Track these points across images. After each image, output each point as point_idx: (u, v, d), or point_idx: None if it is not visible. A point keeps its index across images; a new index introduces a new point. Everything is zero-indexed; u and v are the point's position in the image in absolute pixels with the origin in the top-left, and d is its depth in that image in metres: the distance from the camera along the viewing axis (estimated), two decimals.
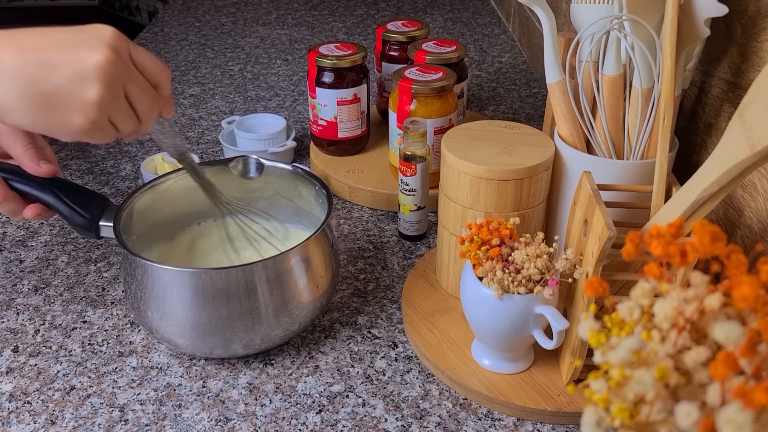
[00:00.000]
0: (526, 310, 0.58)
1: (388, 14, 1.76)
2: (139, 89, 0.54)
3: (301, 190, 0.74)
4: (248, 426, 0.60)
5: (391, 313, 0.74)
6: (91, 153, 1.06)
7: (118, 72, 0.51)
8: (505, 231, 0.60)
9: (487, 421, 0.61)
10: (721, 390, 0.34)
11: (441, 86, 0.84)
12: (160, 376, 0.65)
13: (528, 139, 0.69)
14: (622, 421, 0.36)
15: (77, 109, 0.50)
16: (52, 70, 0.49)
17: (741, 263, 0.36)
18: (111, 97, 0.51)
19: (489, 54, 1.49)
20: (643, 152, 0.64)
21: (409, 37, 1.02)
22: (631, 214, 0.64)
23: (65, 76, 0.49)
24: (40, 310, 0.74)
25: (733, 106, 0.65)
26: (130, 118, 0.54)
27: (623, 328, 0.38)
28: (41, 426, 0.60)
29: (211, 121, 1.18)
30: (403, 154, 0.79)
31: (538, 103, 1.24)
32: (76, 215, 0.63)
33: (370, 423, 0.61)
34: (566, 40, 0.76)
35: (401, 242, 0.86)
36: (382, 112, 1.11)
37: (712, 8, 0.58)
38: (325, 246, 0.67)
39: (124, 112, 0.53)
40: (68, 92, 0.50)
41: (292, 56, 1.48)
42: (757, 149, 0.43)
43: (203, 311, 0.60)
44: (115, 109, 0.52)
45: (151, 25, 1.69)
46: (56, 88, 0.49)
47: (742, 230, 0.63)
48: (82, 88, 0.49)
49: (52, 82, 0.49)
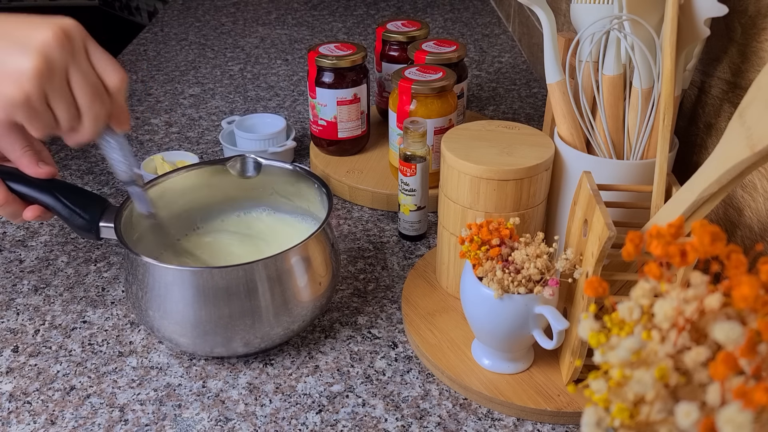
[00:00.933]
0: (526, 310, 0.58)
1: (388, 14, 1.76)
2: (82, 77, 0.53)
3: (301, 188, 0.74)
4: (248, 426, 0.60)
5: (391, 313, 0.74)
6: (91, 153, 1.06)
7: (62, 51, 0.51)
8: (505, 231, 0.60)
9: (487, 421, 0.61)
10: (721, 390, 0.34)
11: (441, 86, 0.84)
12: (160, 376, 0.65)
13: (528, 139, 0.69)
14: (622, 421, 0.36)
15: (11, 78, 0.50)
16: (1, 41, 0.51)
17: (741, 263, 0.36)
18: (47, 71, 0.50)
19: (489, 54, 1.49)
20: (643, 152, 0.64)
21: (409, 37, 1.02)
22: (631, 214, 0.64)
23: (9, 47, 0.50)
24: (40, 310, 0.74)
25: (733, 106, 0.65)
26: (69, 106, 0.53)
27: (623, 328, 0.38)
28: (41, 426, 0.60)
29: (211, 121, 1.18)
30: (403, 154, 0.79)
31: (538, 103, 1.24)
32: (76, 216, 0.63)
33: (370, 423, 0.61)
34: (566, 40, 0.76)
35: (401, 242, 0.86)
36: (382, 112, 1.11)
37: (712, 8, 0.57)
38: (325, 245, 0.67)
39: (62, 96, 0.52)
40: (7, 60, 0.50)
41: (292, 56, 1.48)
42: (757, 149, 0.43)
43: (204, 310, 0.60)
44: (51, 88, 0.52)
45: (151, 25, 1.69)
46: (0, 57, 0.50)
47: (742, 230, 0.63)
48: (21, 57, 0.50)
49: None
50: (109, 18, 3.67)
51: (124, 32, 1.68)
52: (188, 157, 0.94)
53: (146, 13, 3.43)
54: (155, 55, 1.48)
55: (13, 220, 0.64)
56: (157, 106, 1.23)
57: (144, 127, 1.15)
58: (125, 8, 3.59)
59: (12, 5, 3.79)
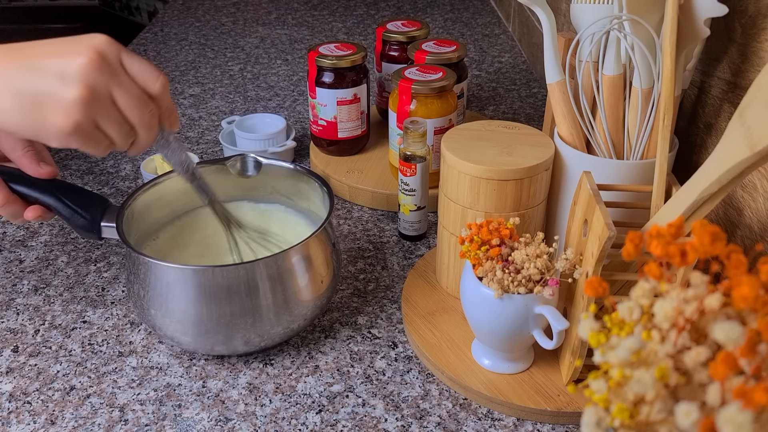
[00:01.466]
0: (526, 310, 0.58)
1: (388, 14, 1.76)
2: (127, 95, 0.53)
3: (301, 188, 0.74)
4: (248, 426, 0.60)
5: (391, 313, 0.74)
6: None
7: (101, 74, 0.51)
8: (505, 231, 0.60)
9: (487, 421, 0.61)
10: (721, 390, 0.34)
11: (441, 86, 0.84)
12: (160, 376, 0.65)
13: (528, 139, 0.69)
14: (622, 421, 0.36)
15: (59, 109, 0.50)
16: (40, 73, 0.51)
17: (741, 263, 0.36)
18: (92, 98, 0.51)
19: (489, 54, 1.49)
20: (643, 152, 0.64)
21: (409, 37, 1.02)
22: (631, 214, 0.64)
23: (50, 78, 0.50)
24: (40, 310, 0.74)
25: (733, 106, 0.65)
26: (121, 125, 0.54)
27: (623, 328, 0.38)
28: (41, 426, 0.60)
29: (211, 121, 1.18)
30: (403, 154, 0.79)
31: (538, 103, 1.24)
32: (77, 216, 0.63)
33: (370, 423, 0.61)
34: (566, 40, 0.76)
35: (401, 242, 0.86)
36: (382, 112, 1.11)
37: (712, 8, 0.58)
38: (326, 244, 0.67)
39: (112, 117, 0.53)
40: (52, 92, 0.50)
41: (292, 56, 1.48)
42: (757, 149, 0.43)
43: (206, 308, 0.61)
44: (100, 112, 0.52)
45: (151, 25, 1.69)
46: (41, 89, 0.50)
47: (742, 230, 0.63)
48: (64, 88, 0.50)
49: (38, 84, 0.50)
50: (109, 18, 3.67)
51: (124, 32, 1.67)
52: None
53: (146, 13, 3.43)
54: (155, 55, 1.48)
55: (14, 221, 0.64)
56: None
57: None
58: (125, 8, 3.59)
59: (12, 5, 3.80)
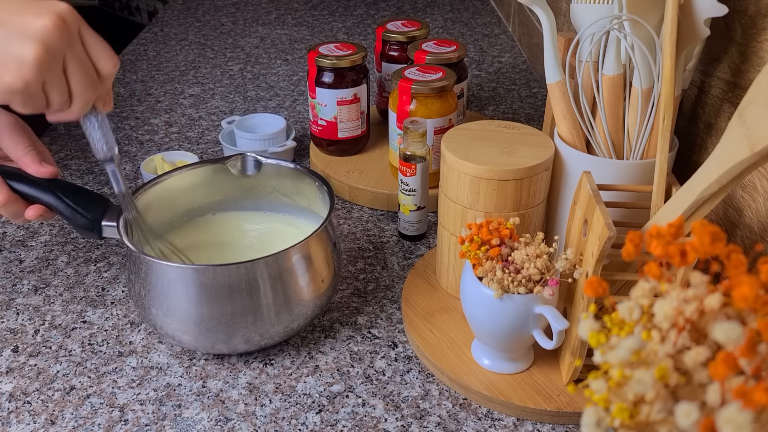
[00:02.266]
0: (526, 310, 0.58)
1: (388, 14, 1.76)
2: (78, 65, 0.53)
3: (302, 187, 0.74)
4: (248, 426, 0.60)
5: (391, 313, 0.74)
6: (91, 153, 1.06)
7: (61, 39, 0.51)
8: (505, 231, 0.60)
9: (486, 421, 0.61)
10: (721, 390, 0.34)
11: (441, 86, 0.84)
12: (160, 376, 0.65)
13: (528, 139, 0.69)
14: (622, 421, 0.36)
15: (11, 66, 0.51)
16: None
17: (741, 263, 0.36)
18: (48, 61, 0.51)
19: (489, 54, 1.49)
20: (643, 152, 0.64)
21: (409, 37, 1.02)
22: (631, 214, 0.64)
23: (8, 34, 0.50)
24: (40, 310, 0.74)
25: (733, 106, 0.65)
26: (63, 92, 0.54)
27: (623, 328, 0.38)
28: (41, 426, 0.60)
29: (211, 121, 1.18)
30: (403, 154, 0.79)
31: (538, 103, 1.24)
32: (78, 216, 0.64)
33: (369, 423, 0.61)
34: (566, 40, 0.76)
35: (401, 242, 0.86)
36: (382, 112, 1.11)
37: (712, 8, 0.58)
38: (327, 244, 0.67)
39: (58, 82, 0.53)
40: (7, 48, 0.50)
41: (292, 56, 1.48)
42: (757, 149, 0.43)
43: (207, 307, 0.61)
44: (49, 76, 0.52)
45: (151, 25, 1.69)
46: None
47: (742, 230, 0.63)
48: (21, 46, 0.50)
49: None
50: (109, 18, 3.67)
51: (124, 32, 1.67)
52: (188, 157, 0.94)
53: (146, 13, 3.43)
54: (155, 55, 1.48)
55: (15, 221, 0.64)
56: (157, 106, 1.23)
57: (144, 127, 1.15)
58: (125, 8, 3.59)
59: None
